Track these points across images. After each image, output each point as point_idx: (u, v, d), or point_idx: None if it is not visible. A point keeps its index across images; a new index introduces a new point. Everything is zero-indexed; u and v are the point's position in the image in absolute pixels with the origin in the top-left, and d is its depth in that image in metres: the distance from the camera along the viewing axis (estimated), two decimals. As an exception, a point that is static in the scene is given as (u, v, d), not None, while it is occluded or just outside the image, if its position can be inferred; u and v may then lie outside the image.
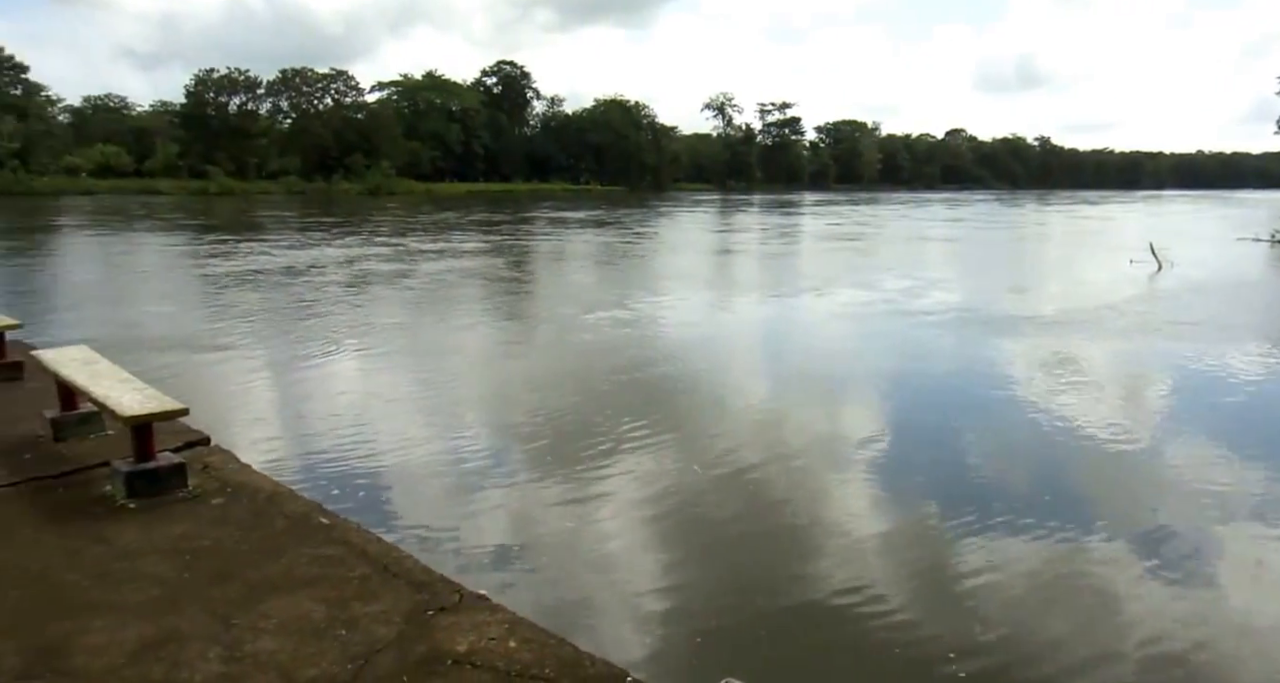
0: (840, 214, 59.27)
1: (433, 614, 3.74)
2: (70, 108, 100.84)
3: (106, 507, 4.95)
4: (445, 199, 79.81)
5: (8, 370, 7.96)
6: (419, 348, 12.86)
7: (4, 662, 3.38)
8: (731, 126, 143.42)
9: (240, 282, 19.95)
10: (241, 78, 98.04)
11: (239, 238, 33.39)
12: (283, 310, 15.86)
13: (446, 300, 17.96)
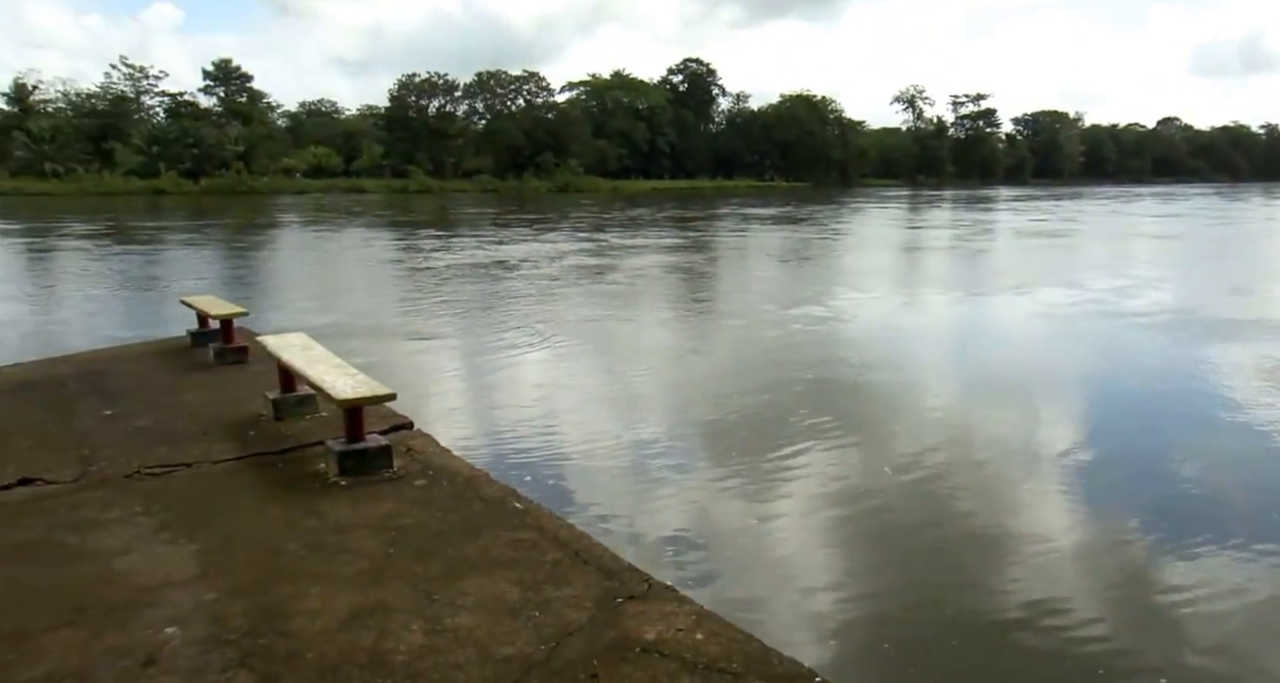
0: (1042, 209, 56.51)
1: (622, 602, 3.80)
2: (287, 113, 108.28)
3: (320, 483, 5.28)
4: (633, 196, 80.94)
5: (235, 354, 8.62)
6: (618, 341, 13.12)
7: (233, 621, 3.66)
8: (922, 120, 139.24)
9: (459, 274, 20.86)
10: (440, 81, 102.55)
11: (451, 233, 34.97)
12: (495, 302, 16.49)
13: (649, 295, 18.26)
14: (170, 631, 3.59)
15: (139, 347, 10.38)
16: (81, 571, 4.20)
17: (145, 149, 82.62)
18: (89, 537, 4.60)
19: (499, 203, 65.12)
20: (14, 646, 3.53)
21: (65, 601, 3.90)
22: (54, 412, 7.16)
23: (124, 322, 14.89)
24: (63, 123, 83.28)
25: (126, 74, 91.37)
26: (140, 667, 3.33)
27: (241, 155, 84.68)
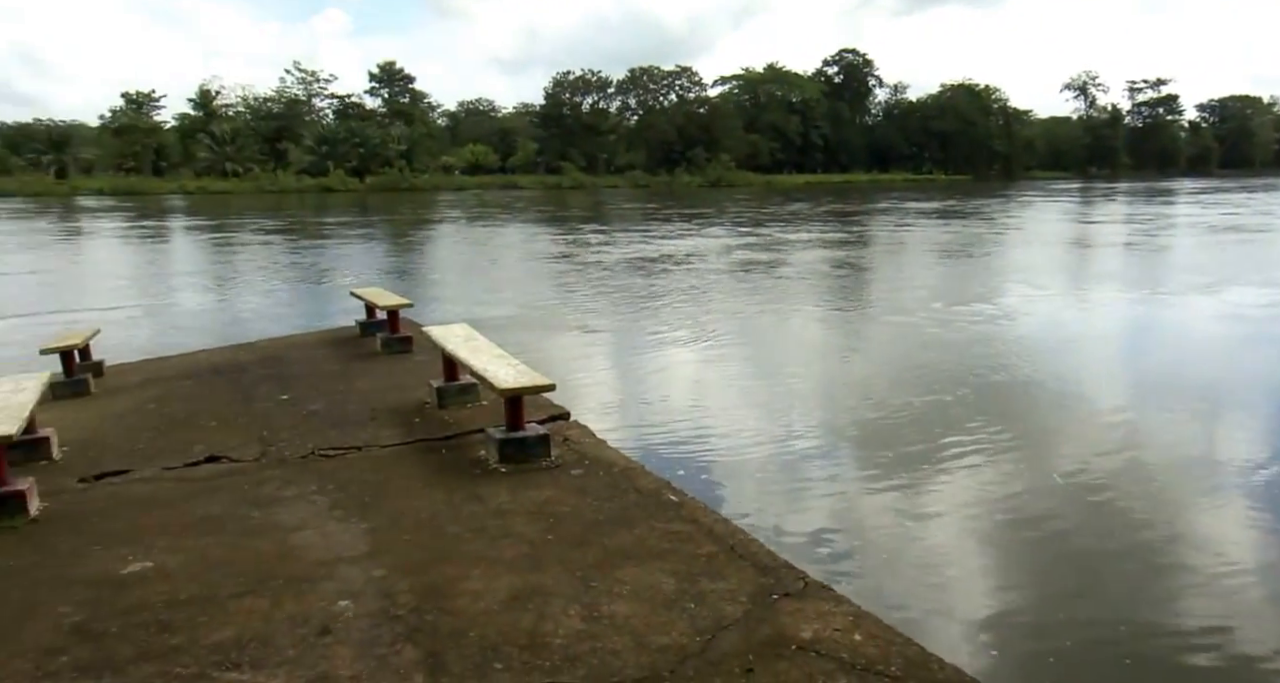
0: (1233, 202, 52.80)
1: (777, 598, 3.78)
2: (447, 112, 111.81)
3: (481, 469, 5.45)
4: (786, 191, 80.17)
5: (400, 344, 8.98)
6: (780, 337, 13.08)
7: (401, 597, 3.82)
8: (1095, 108, 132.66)
9: (627, 268, 21.21)
10: (594, 78, 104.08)
11: (614, 228, 35.53)
12: (661, 296, 16.68)
13: (814, 290, 18.15)
14: (343, 603, 3.78)
15: (312, 336, 10.95)
16: (263, 544, 4.47)
17: (315, 149, 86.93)
18: (270, 512, 4.89)
19: (651, 198, 65.60)
20: (204, 609, 3.78)
21: (249, 571, 4.15)
22: (237, 395, 7.63)
23: (299, 311, 15.72)
24: (242, 126, 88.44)
25: (299, 78, 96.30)
26: (316, 636, 3.52)
27: (403, 154, 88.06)
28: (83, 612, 3.84)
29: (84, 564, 4.34)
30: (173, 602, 3.88)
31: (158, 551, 4.43)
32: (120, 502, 5.21)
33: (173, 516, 4.92)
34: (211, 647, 3.47)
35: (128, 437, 6.55)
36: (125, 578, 4.15)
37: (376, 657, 3.36)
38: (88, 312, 14.91)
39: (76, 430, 6.67)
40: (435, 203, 60.39)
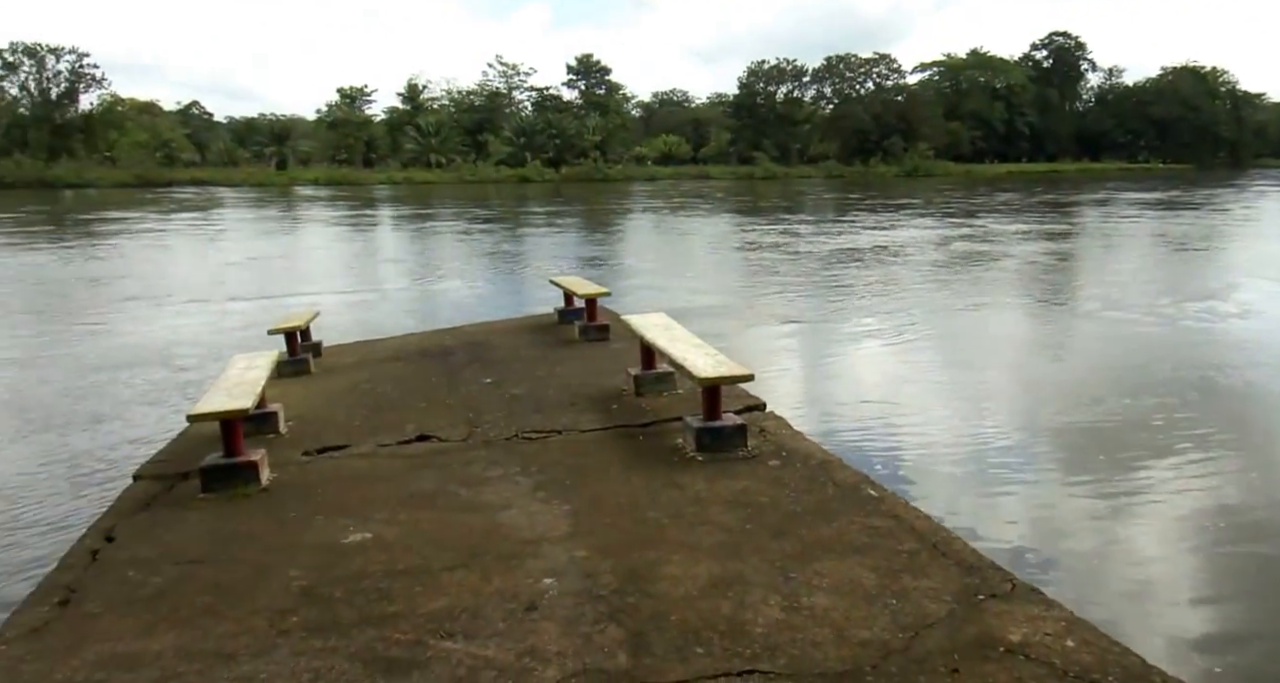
0: None
1: (983, 599, 3.64)
2: (641, 103, 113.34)
3: (679, 457, 5.49)
4: (990, 180, 76.94)
5: (598, 332, 9.17)
6: (991, 332, 12.66)
7: (603, 578, 3.90)
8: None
9: (844, 259, 21.01)
10: (789, 67, 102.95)
11: (820, 218, 35.22)
12: (872, 287, 16.44)
13: (1036, 283, 17.51)
14: (548, 582, 3.89)
15: (512, 322, 11.32)
16: (472, 520, 4.66)
17: (514, 140, 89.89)
18: (477, 491, 5.08)
19: (848, 188, 64.35)
20: (419, 580, 3.98)
21: (460, 545, 4.34)
22: (444, 378, 7.98)
23: (498, 298, 16.30)
24: (445, 118, 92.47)
25: (501, 71, 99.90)
26: (524, 611, 3.64)
27: (598, 145, 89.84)
28: (310, 576, 4.10)
29: (310, 532, 4.65)
30: (390, 571, 4.09)
31: (376, 522, 4.69)
32: (340, 475, 5.55)
33: (388, 490, 5.19)
34: (427, 616, 3.65)
35: (345, 414, 6.96)
36: (347, 547, 4.42)
37: (581, 635, 3.44)
38: (310, 295, 15.95)
39: (299, 407, 7.13)
40: (630, 193, 61.31)
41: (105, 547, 4.62)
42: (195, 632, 3.65)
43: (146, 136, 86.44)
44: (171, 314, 14.78)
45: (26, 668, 3.47)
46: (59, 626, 3.80)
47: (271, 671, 3.31)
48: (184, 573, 4.23)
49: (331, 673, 3.27)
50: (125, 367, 10.75)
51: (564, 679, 3.15)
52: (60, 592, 4.12)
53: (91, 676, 3.37)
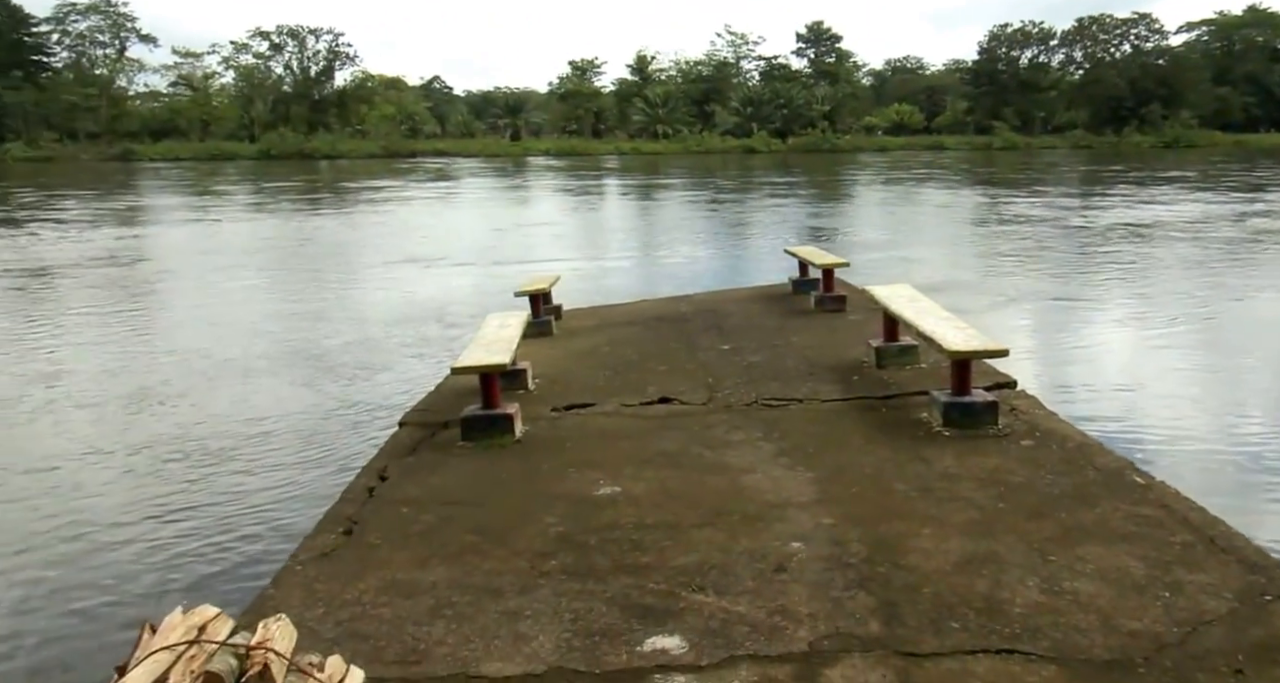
0: None
1: (1271, 600, 3.39)
2: (873, 71, 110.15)
3: (924, 431, 5.38)
4: (1270, 151, 69.91)
5: (834, 302, 9.07)
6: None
7: (851, 546, 3.90)
8: None
9: (1122, 234, 19.89)
10: (1035, 30, 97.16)
11: (1085, 191, 33.37)
12: (1150, 266, 15.49)
13: None
14: (796, 545, 3.92)
15: (745, 291, 11.37)
16: (715, 481, 4.75)
17: (741, 110, 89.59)
18: (720, 453, 5.17)
19: (1099, 160, 60.24)
20: (668, 535, 4.10)
21: (705, 505, 4.43)
22: (682, 343, 8.12)
23: (731, 267, 16.37)
24: (673, 89, 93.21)
25: (729, 41, 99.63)
26: (773, 572, 3.69)
27: (826, 114, 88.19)
28: (565, 524, 4.31)
29: (562, 483, 4.87)
30: (640, 525, 4.24)
31: (624, 478, 4.86)
32: (587, 432, 5.77)
33: (633, 448, 5.36)
34: (678, 569, 3.76)
35: (588, 374, 7.21)
36: (598, 499, 4.60)
37: (831, 599, 3.45)
38: (556, 262, 16.59)
39: (544, 366, 7.45)
40: (860, 163, 59.95)
41: (379, 485, 5.02)
42: (464, 567, 3.91)
43: (393, 110, 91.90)
44: (441, 276, 15.85)
45: (319, 587, 3.83)
46: (345, 552, 4.17)
47: (536, 608, 3.51)
48: (450, 513, 4.54)
49: (591, 614, 3.43)
50: (400, 323, 11.60)
51: (816, 640, 3.17)
52: (344, 523, 4.51)
53: (376, 599, 3.68)
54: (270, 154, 74.63)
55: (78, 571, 5.08)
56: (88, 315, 12.67)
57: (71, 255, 19.04)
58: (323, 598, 3.71)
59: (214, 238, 22.95)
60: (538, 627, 3.37)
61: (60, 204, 33.10)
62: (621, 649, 3.19)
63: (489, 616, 3.47)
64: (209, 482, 6.26)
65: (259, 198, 36.86)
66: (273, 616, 2.50)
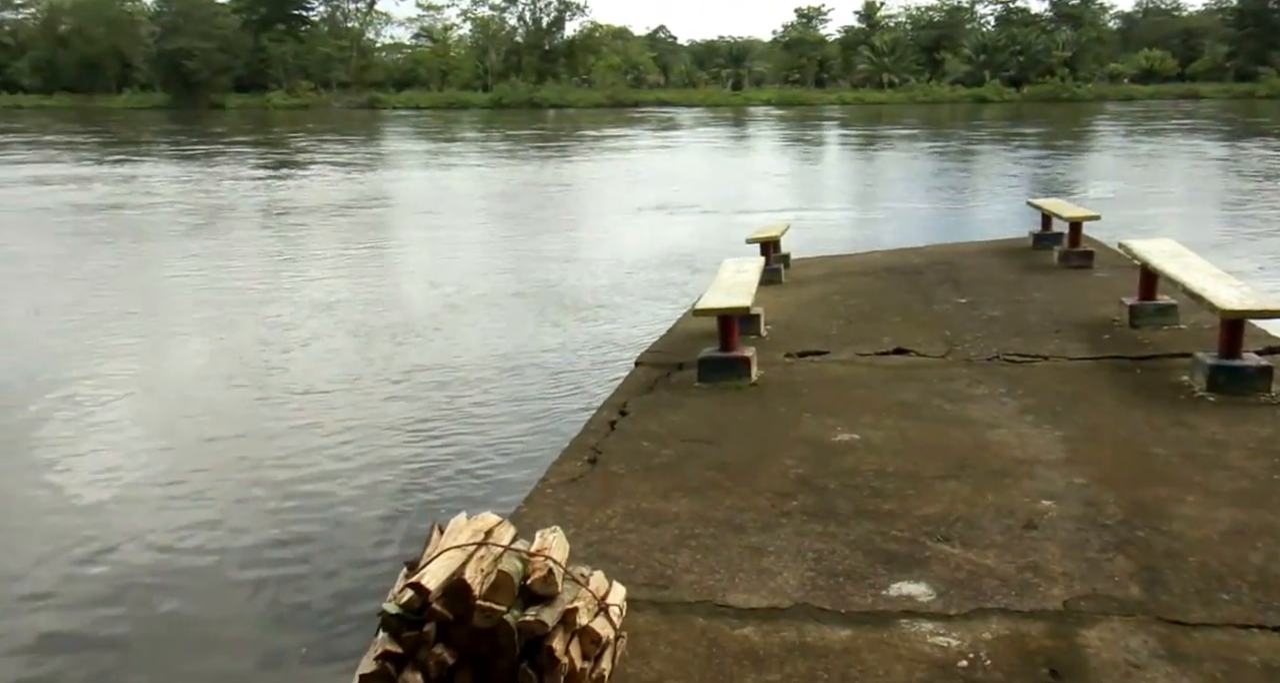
0: None
1: None
2: (1121, 13, 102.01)
3: (1184, 395, 5.06)
4: None
5: (1080, 258, 8.61)
6: None
7: (1106, 508, 3.75)
8: None
9: None
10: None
11: None
12: None
13: None
14: (1046, 503, 3.81)
15: (981, 244, 10.94)
16: (957, 434, 4.65)
17: (973, 58, 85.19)
18: (961, 407, 5.06)
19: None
20: (910, 484, 4.07)
21: (947, 457, 4.36)
22: (916, 295, 7.93)
23: (963, 220, 15.80)
24: (901, 36, 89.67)
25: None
26: (1022, 528, 3.60)
27: (1066, 61, 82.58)
28: (804, 467, 4.35)
29: (799, 427, 4.90)
30: (881, 473, 4.22)
31: (862, 426, 4.84)
32: (822, 379, 5.77)
33: (870, 397, 5.32)
34: (921, 519, 3.73)
35: (820, 323, 7.18)
36: (836, 445, 4.61)
37: (1087, 559, 3.34)
38: (776, 212, 16.52)
39: (775, 312, 7.45)
40: (1104, 113, 56.00)
41: (620, 420, 5.20)
42: (706, 501, 4.02)
43: (618, 60, 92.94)
44: (675, 222, 16.27)
45: (569, 510, 4.03)
46: (591, 479, 4.37)
47: (778, 545, 3.57)
48: (690, 450, 4.66)
49: (834, 556, 3.47)
50: (647, 267, 11.96)
51: (1071, 600, 3.09)
52: (588, 452, 4.72)
53: (623, 525, 3.85)
54: (501, 103, 77.23)
55: (344, 487, 5.57)
56: (358, 251, 13.81)
57: (347, 194, 20.68)
58: (572, 520, 3.91)
59: (465, 182, 24.34)
60: (781, 563, 3.43)
61: (331, 148, 35.82)
62: (866, 592, 3.21)
63: (732, 549, 3.56)
64: (462, 410, 6.70)
65: (500, 145, 38.49)
66: (548, 527, 2.67)
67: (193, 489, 5.62)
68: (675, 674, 2.78)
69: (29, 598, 4.49)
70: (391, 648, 2.26)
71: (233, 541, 5.03)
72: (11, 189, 23.05)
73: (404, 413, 6.68)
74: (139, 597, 4.51)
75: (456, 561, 2.34)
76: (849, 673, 2.73)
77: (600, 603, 2.49)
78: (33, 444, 6.41)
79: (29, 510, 5.39)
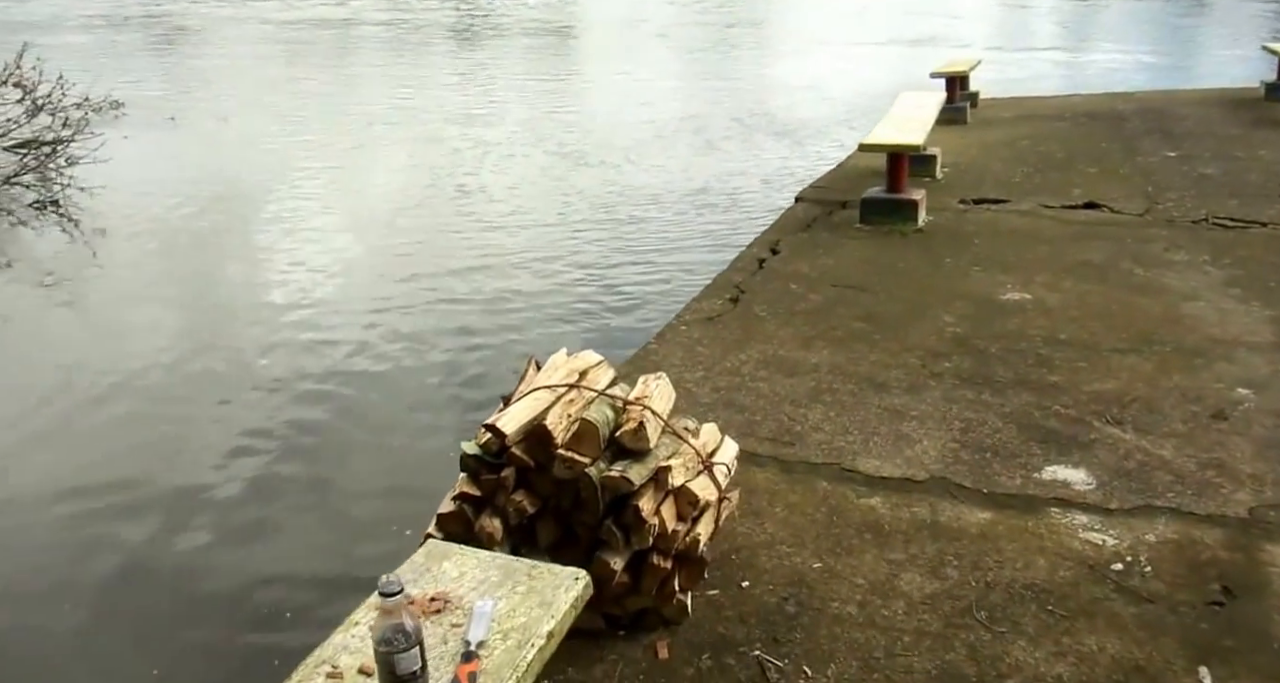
0: None
1: None
2: None
3: None
4: None
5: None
6: None
7: (1316, 406, 3.23)
8: None
9: None
10: None
11: None
12: None
13: None
14: (1243, 392, 3.31)
15: (1198, 93, 9.75)
16: (1146, 304, 4.12)
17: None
18: (1155, 273, 4.48)
19: None
20: (1083, 355, 3.62)
21: (1130, 328, 3.86)
22: (1117, 144, 7.12)
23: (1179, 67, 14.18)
24: None
25: None
26: (1210, 418, 3.14)
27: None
28: (963, 325, 3.94)
29: (964, 281, 4.46)
30: (1050, 340, 3.78)
31: (1036, 285, 4.36)
32: (996, 229, 5.23)
33: (1050, 253, 4.79)
34: (1091, 396, 3.31)
35: (1003, 168, 6.52)
36: (1003, 304, 4.16)
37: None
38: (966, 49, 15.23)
39: (954, 154, 6.82)
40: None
41: (770, 258, 4.86)
42: (849, 354, 3.70)
43: None
44: (863, 55, 15.37)
45: (701, 350, 3.79)
46: (729, 319, 4.09)
47: (922, 410, 3.24)
48: (840, 296, 4.30)
49: (984, 428, 3.11)
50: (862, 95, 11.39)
51: (1259, 507, 2.66)
52: (731, 290, 4.42)
53: (756, 371, 3.58)
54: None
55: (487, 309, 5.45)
56: (559, 77, 13.66)
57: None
58: (703, 361, 3.67)
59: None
60: (922, 430, 3.11)
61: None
62: (1015, 472, 2.86)
63: (870, 409, 3.26)
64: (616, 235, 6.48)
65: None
66: (653, 373, 2.41)
67: (386, 297, 5.60)
68: (788, 540, 2.54)
69: (269, 377, 4.55)
70: (469, 490, 2.09)
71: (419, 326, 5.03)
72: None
73: (563, 238, 6.50)
74: (347, 381, 4.50)
75: (542, 403, 2.11)
76: (981, 561, 2.43)
77: (704, 461, 2.23)
78: (253, 244, 6.63)
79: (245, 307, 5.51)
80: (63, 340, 5.07)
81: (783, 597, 2.32)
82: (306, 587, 3.05)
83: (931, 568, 2.41)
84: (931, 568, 2.41)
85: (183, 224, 6.93)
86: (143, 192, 7.59)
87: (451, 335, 4.95)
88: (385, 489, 3.59)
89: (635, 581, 2.14)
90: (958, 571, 2.40)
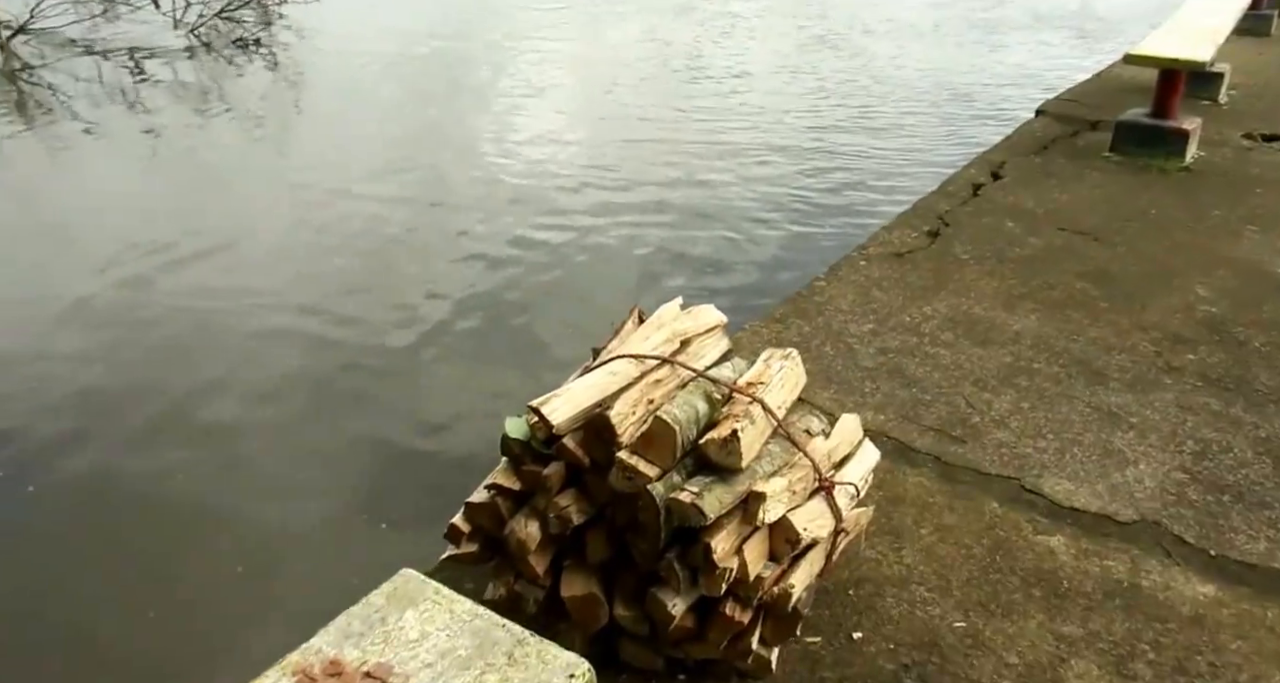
0: None
1: None
2: None
3: None
4: None
5: None
6: None
7: None
8: None
9: None
10: None
11: None
12: None
13: None
14: None
15: None
16: None
17: None
18: None
19: None
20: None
21: None
22: None
23: None
24: None
25: None
26: None
27: None
28: (1221, 304, 3.11)
29: (1234, 242, 3.56)
30: (1340, 338, 2.91)
31: (1330, 259, 3.42)
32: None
33: (1356, 218, 3.78)
34: (1388, 428, 2.48)
35: (1310, 97, 5.33)
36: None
37: None
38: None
39: (1248, 75, 5.65)
40: None
41: (988, 185, 4.07)
42: (1064, 324, 2.96)
43: None
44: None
45: (878, 295, 3.14)
46: (921, 259, 3.40)
47: (1145, 417, 2.51)
48: (1067, 244, 3.51)
49: (1228, 457, 2.37)
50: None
51: None
52: (932, 222, 3.70)
53: (938, 332, 2.91)
54: None
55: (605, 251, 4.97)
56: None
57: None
58: (877, 310, 3.03)
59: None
60: (1141, 447, 2.39)
61: None
62: (1262, 531, 2.13)
63: (1076, 406, 2.55)
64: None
65: None
66: (781, 349, 1.81)
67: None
68: (930, 579, 1.96)
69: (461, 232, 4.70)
70: (506, 483, 1.61)
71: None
72: None
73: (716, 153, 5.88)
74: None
75: (618, 380, 1.58)
76: (1190, 661, 1.78)
77: (823, 481, 1.66)
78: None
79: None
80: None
81: (904, 663, 1.77)
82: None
83: (1117, 659, 1.78)
84: (1117, 659, 1.78)
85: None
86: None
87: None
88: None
89: (701, 627, 1.63)
90: (1153, 669, 1.77)
